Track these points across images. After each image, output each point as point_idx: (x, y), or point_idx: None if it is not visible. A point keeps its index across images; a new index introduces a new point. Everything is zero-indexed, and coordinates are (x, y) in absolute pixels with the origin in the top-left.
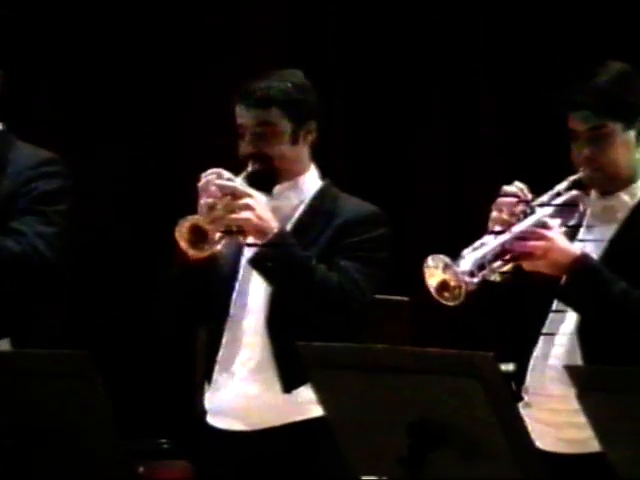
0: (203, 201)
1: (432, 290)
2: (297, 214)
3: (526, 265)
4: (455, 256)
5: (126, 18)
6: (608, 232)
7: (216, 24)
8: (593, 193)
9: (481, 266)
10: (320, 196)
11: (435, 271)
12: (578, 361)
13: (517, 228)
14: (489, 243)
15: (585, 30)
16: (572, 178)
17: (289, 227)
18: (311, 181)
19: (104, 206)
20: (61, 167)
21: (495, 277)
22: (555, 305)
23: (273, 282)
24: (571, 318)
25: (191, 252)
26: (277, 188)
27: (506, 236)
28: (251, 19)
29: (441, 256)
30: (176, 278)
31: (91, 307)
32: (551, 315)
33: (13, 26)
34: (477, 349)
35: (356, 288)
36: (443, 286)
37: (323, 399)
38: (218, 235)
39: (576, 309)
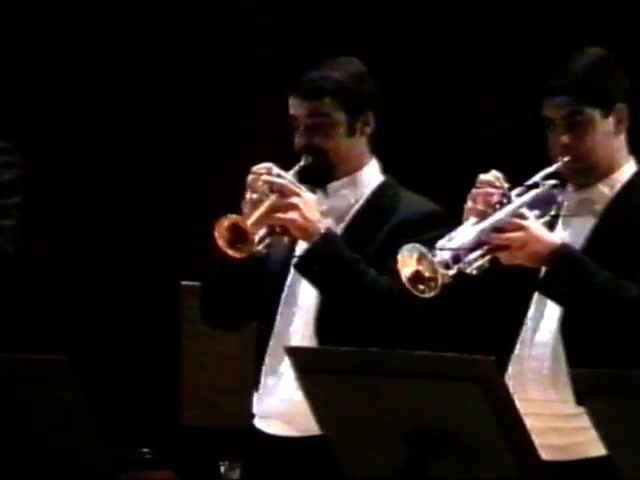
0: (248, 197)
1: (405, 280)
2: (352, 213)
3: (503, 257)
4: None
5: (126, 18)
6: (585, 225)
7: (216, 24)
8: (570, 185)
9: (456, 258)
10: (379, 192)
11: (409, 261)
12: (561, 362)
13: (493, 219)
14: (464, 234)
15: (586, 30)
16: (549, 169)
17: (343, 226)
18: (370, 176)
19: (103, 206)
20: (14, 156)
21: (472, 270)
22: (536, 299)
23: (319, 286)
24: (552, 314)
25: (229, 252)
26: (332, 185)
27: (481, 227)
28: (251, 19)
29: (416, 245)
30: (218, 275)
31: (76, 311)
32: (531, 311)
33: (13, 26)
34: (477, 352)
35: (407, 294)
36: (417, 277)
37: (315, 407)
38: (260, 235)
39: (558, 301)
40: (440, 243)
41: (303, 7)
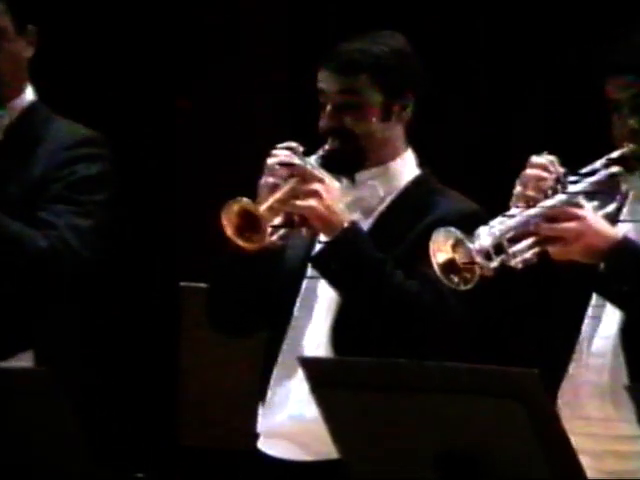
0: (264, 181)
1: (436, 268)
2: (382, 207)
3: (554, 251)
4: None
5: (126, 18)
6: None
7: (216, 24)
8: (637, 173)
9: (499, 247)
10: (413, 187)
11: (443, 247)
12: (622, 374)
13: (544, 206)
14: (510, 222)
15: (586, 31)
16: (613, 154)
17: (370, 222)
18: (405, 168)
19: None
20: (103, 148)
21: (516, 263)
22: (594, 302)
23: (338, 287)
24: (612, 319)
25: (238, 241)
26: (361, 174)
27: (531, 214)
28: (251, 19)
29: (452, 229)
30: (226, 269)
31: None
32: (588, 315)
33: None
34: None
35: (440, 301)
36: (451, 266)
37: (332, 426)
38: (274, 225)
39: (618, 303)
40: (480, 230)
41: (303, 7)
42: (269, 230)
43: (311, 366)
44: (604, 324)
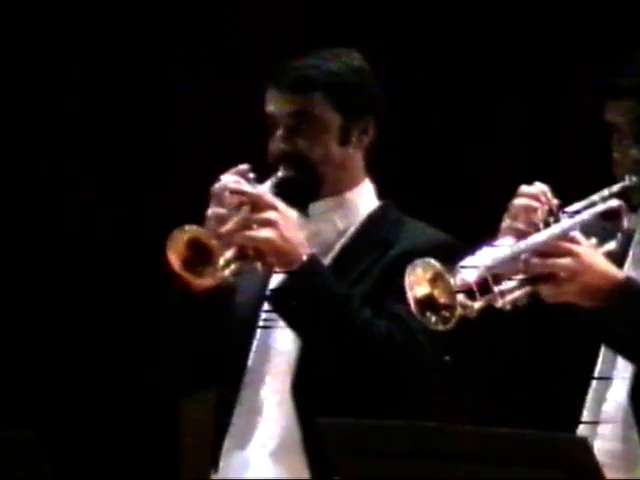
0: (212, 211)
1: (412, 304)
2: (342, 242)
3: (546, 291)
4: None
5: (125, 20)
6: None
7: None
8: None
9: (485, 285)
10: (376, 218)
11: (421, 280)
12: (635, 442)
13: (535, 239)
14: (497, 256)
15: (586, 32)
16: (614, 187)
17: (329, 258)
18: (363, 199)
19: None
20: None
21: (504, 303)
22: (602, 357)
23: (298, 329)
24: (624, 377)
25: (186, 276)
26: (317, 206)
27: (520, 248)
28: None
29: (431, 261)
30: (174, 314)
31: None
32: (597, 373)
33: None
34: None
35: (412, 341)
36: (429, 303)
37: None
38: (226, 258)
39: (626, 354)
40: (464, 263)
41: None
42: (221, 264)
43: (330, 431)
44: (615, 384)
